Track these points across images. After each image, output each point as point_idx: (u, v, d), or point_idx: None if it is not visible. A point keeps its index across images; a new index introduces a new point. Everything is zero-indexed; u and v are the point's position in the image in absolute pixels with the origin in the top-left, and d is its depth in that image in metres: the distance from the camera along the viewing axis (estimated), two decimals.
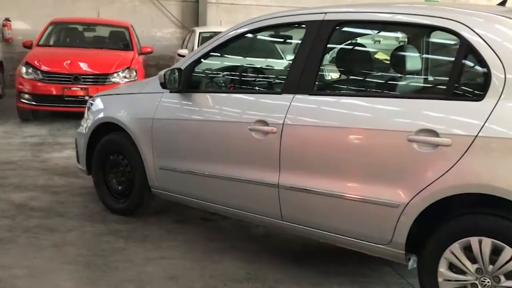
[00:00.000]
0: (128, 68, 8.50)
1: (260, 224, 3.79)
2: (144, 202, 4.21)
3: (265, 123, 3.17)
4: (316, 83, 3.13)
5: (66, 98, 8.06)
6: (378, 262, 3.40)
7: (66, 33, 9.90)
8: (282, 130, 3.09)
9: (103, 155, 4.35)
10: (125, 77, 8.38)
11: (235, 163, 3.37)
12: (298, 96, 3.10)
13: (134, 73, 8.51)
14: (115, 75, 8.33)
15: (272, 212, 3.23)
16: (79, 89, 8.11)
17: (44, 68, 8.15)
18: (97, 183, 4.45)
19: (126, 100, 4.24)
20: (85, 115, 4.60)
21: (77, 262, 3.42)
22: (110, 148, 4.30)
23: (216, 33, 9.38)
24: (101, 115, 4.35)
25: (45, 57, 8.48)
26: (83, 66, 8.31)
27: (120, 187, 4.30)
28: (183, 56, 9.45)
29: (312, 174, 3.01)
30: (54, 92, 8.06)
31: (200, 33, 10.05)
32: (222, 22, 13.10)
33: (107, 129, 4.28)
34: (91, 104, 4.56)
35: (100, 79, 8.24)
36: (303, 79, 3.11)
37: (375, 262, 3.40)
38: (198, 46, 9.53)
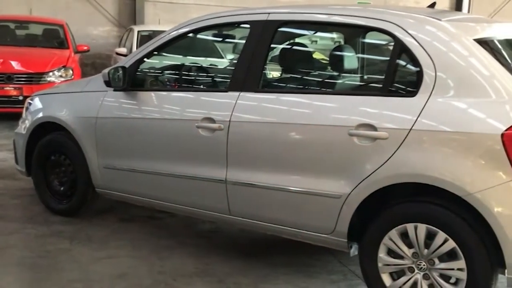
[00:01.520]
0: (64, 67, 8.28)
1: (207, 220, 3.86)
2: (88, 202, 4.17)
3: (212, 120, 3.24)
4: (261, 81, 3.24)
5: None
6: (321, 252, 3.56)
7: None
8: (229, 127, 3.17)
9: (44, 156, 4.26)
10: (61, 76, 8.15)
11: (183, 160, 3.42)
12: (243, 94, 3.20)
13: (71, 72, 8.30)
14: (51, 74, 8.09)
15: (220, 207, 3.31)
16: (12, 89, 7.81)
17: None
18: (38, 184, 4.35)
19: (67, 99, 4.17)
20: (23, 115, 4.48)
21: (22, 264, 3.36)
22: (51, 148, 4.22)
23: (155, 32, 9.43)
24: (41, 114, 4.25)
25: None
26: (16, 65, 8.01)
27: (62, 188, 4.23)
28: (122, 54, 9.34)
29: (259, 169, 3.12)
30: None
31: (138, 31, 9.93)
32: (160, 21, 12.99)
33: (48, 129, 4.20)
34: (30, 104, 4.45)
35: (35, 78, 7.97)
36: (248, 77, 3.21)
37: (318, 252, 3.55)
38: (137, 45, 9.43)
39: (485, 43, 2.74)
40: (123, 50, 9.71)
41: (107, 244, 3.74)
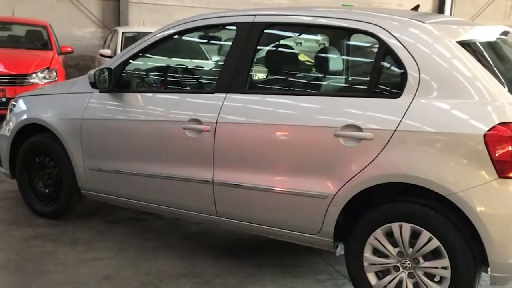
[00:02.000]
0: (47, 68, 8.19)
1: (194, 221, 3.86)
2: (73, 204, 4.14)
3: (198, 121, 3.25)
4: (248, 82, 3.26)
5: None
6: (308, 252, 3.58)
7: None
8: (215, 128, 3.18)
9: (28, 158, 4.22)
10: (44, 77, 8.06)
11: (169, 162, 3.42)
12: (230, 95, 3.21)
13: (54, 73, 8.21)
14: (34, 75, 7.99)
15: (207, 208, 3.32)
16: None
17: None
18: (22, 187, 4.31)
19: (52, 101, 4.15)
20: (7, 117, 4.44)
21: (7, 267, 3.33)
22: (35, 150, 4.18)
23: (140, 33, 9.39)
24: (25, 116, 4.22)
25: None
26: None
27: (47, 190, 4.20)
28: (106, 56, 9.28)
29: (246, 170, 3.13)
30: None
31: (123, 33, 9.87)
32: (145, 22, 12.94)
33: (32, 130, 4.17)
34: (14, 105, 4.41)
35: (18, 80, 7.87)
36: (235, 79, 3.22)
37: (305, 252, 3.58)
38: (121, 46, 9.38)
39: (467, 45, 2.79)
40: (107, 51, 9.64)
41: (93, 246, 3.72)
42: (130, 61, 3.77)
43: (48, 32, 9.43)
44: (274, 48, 3.76)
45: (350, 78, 3.75)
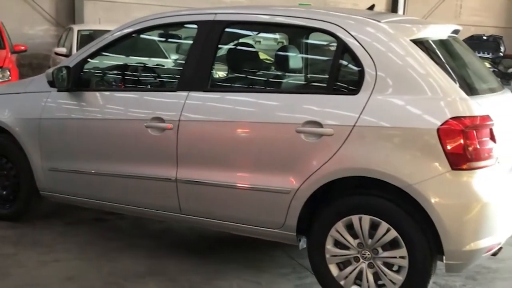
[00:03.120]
0: (1, 67, 7.95)
1: (158, 220, 3.86)
2: (32, 206, 4.07)
3: (161, 120, 3.26)
4: (209, 80, 3.28)
5: None
6: (271, 247, 3.65)
7: None
8: (178, 126, 3.20)
9: None
10: None
11: (132, 160, 3.41)
12: (192, 93, 3.23)
13: (8, 72, 7.98)
14: None
15: (170, 206, 3.33)
16: None
17: None
18: None
19: (8, 100, 4.05)
20: None
21: None
22: None
23: (96, 31, 9.23)
24: None
25: None
26: None
27: (4, 192, 4.09)
28: (61, 54, 9.08)
29: (209, 167, 3.16)
30: None
31: (78, 30, 9.68)
32: (101, 20, 12.70)
33: None
34: None
35: None
36: (196, 77, 3.24)
37: (268, 246, 3.64)
38: (77, 44, 9.20)
39: (421, 43, 2.91)
40: (62, 50, 9.44)
41: (54, 248, 3.67)
42: (89, 59, 3.72)
43: (1, 30, 9.14)
44: (234, 47, 3.80)
45: (309, 76, 3.83)
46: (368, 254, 2.85)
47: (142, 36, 3.94)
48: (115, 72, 4.12)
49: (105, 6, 13.83)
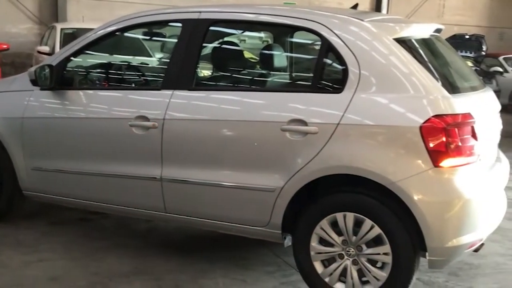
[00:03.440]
0: None
1: (143, 219, 3.84)
2: (15, 205, 4.02)
3: (145, 118, 3.24)
4: (194, 79, 3.28)
5: None
6: (256, 245, 3.66)
7: None
8: (163, 125, 3.19)
9: None
10: None
11: (116, 159, 3.40)
12: (177, 92, 3.23)
13: None
14: None
15: (156, 205, 3.32)
16: None
17: None
18: None
19: None
20: None
21: None
22: None
23: (79, 30, 9.15)
24: None
25: None
26: None
27: None
28: (44, 53, 8.99)
29: (194, 166, 3.17)
30: None
31: (62, 29, 9.58)
32: (84, 18, 12.59)
33: None
34: None
35: None
36: (181, 76, 3.24)
37: (254, 245, 3.65)
38: (60, 43, 9.11)
39: (403, 42, 2.94)
40: (45, 48, 9.35)
41: (38, 248, 3.64)
42: (72, 58, 3.69)
43: None
44: (219, 45, 3.80)
45: (294, 74, 3.85)
46: (353, 251, 2.87)
47: (126, 34, 3.92)
48: (99, 70, 4.10)
49: (88, 4, 13.71)
